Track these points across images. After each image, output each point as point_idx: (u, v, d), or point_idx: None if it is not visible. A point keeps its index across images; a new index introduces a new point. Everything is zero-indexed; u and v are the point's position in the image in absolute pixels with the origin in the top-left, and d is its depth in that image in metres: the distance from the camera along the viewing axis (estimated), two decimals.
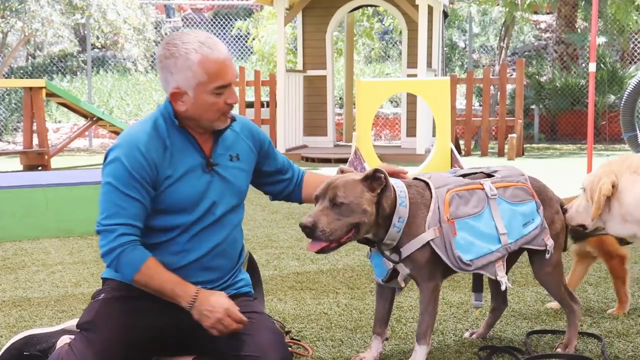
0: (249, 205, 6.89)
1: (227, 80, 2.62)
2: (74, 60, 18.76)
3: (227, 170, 2.74)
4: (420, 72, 11.27)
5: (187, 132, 2.70)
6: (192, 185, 2.67)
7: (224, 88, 2.62)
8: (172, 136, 2.67)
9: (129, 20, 16.01)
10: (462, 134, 12.82)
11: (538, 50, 17.81)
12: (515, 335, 3.38)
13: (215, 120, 2.67)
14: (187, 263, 2.69)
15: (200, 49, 2.59)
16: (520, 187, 2.97)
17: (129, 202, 2.56)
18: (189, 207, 2.67)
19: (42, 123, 10.85)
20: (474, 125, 12.50)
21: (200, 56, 2.58)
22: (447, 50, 16.44)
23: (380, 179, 2.75)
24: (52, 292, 4.26)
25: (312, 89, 12.98)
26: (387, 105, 16.09)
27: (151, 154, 2.60)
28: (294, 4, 12.37)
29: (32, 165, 10.79)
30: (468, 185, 2.91)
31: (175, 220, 2.68)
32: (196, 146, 2.70)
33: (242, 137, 2.83)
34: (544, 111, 15.72)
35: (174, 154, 2.66)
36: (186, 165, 2.67)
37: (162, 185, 2.63)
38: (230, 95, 2.65)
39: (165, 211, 2.67)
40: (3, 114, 16.09)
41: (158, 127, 2.65)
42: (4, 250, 5.39)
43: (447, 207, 2.81)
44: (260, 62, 16.01)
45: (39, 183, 5.89)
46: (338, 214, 2.69)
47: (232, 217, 2.79)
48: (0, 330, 3.60)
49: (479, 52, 17.86)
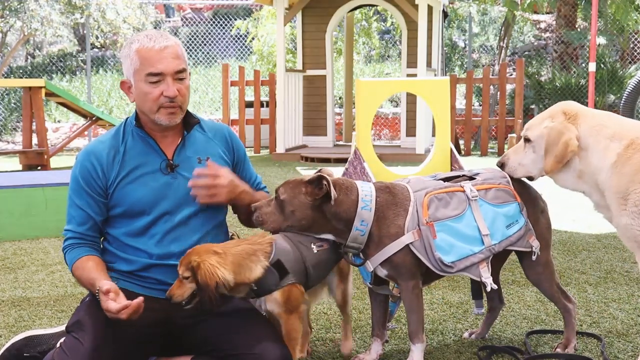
0: None
1: (158, 68, 2.65)
2: (73, 60, 18.74)
3: (192, 172, 2.74)
4: (420, 72, 11.26)
5: (147, 134, 2.75)
6: (148, 186, 2.72)
7: (156, 77, 2.65)
8: (130, 140, 2.75)
9: (128, 20, 16.00)
10: (461, 134, 12.81)
11: (538, 50, 17.80)
12: (514, 335, 3.37)
13: (155, 112, 2.69)
14: (157, 265, 2.71)
15: (142, 40, 2.69)
16: (502, 188, 2.97)
17: (76, 211, 2.74)
18: (147, 208, 2.71)
19: (42, 123, 10.83)
20: (474, 125, 12.50)
21: (139, 45, 2.68)
22: (447, 50, 16.44)
23: (321, 186, 2.75)
24: (51, 292, 4.26)
25: (312, 89, 12.97)
26: (387, 105, 16.08)
27: (101, 160, 2.71)
28: (294, 3, 12.36)
29: (31, 165, 10.77)
30: (448, 188, 2.91)
31: (136, 224, 2.72)
32: (155, 148, 2.75)
33: (214, 141, 2.86)
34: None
35: (129, 157, 2.73)
36: (142, 167, 2.73)
37: (114, 186, 2.71)
38: (167, 87, 2.65)
39: (125, 214, 2.73)
40: (2, 114, 16.07)
41: (117, 133, 2.77)
42: (3, 250, 5.39)
43: (425, 210, 2.81)
44: (260, 62, 16.01)
45: (38, 183, 5.89)
46: (276, 208, 2.78)
47: (203, 221, 2.79)
48: (0, 330, 3.59)
49: (479, 51, 17.86)
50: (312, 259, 2.78)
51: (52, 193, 5.76)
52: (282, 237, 2.77)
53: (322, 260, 2.83)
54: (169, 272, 2.70)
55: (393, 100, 16.13)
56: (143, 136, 2.76)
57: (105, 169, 2.72)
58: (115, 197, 2.72)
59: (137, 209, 2.71)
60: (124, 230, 2.74)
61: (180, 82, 2.69)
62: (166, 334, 2.72)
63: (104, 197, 2.73)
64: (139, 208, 2.71)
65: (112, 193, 2.72)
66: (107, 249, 2.80)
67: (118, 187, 2.72)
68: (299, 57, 13.15)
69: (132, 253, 2.73)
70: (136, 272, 2.73)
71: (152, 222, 2.72)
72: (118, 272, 2.74)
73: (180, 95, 2.69)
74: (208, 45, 18.45)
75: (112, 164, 2.72)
